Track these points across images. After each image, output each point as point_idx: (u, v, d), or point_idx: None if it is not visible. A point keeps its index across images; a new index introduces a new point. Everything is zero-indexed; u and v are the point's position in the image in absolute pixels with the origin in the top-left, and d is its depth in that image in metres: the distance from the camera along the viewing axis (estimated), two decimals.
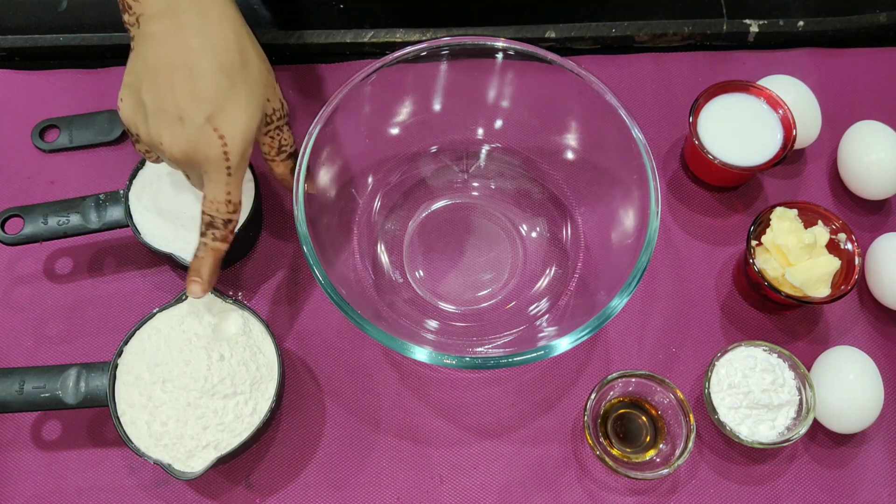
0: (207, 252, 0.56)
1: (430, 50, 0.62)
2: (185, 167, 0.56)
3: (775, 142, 0.67)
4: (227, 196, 0.55)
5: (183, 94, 0.53)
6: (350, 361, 0.64)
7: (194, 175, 0.57)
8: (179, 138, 0.53)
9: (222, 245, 0.57)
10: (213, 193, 0.55)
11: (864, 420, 0.60)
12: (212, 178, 0.55)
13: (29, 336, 0.64)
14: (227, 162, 0.54)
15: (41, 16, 0.75)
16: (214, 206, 0.55)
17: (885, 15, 0.77)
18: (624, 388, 0.62)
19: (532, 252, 0.67)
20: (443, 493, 0.61)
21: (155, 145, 0.54)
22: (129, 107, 0.55)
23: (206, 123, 0.53)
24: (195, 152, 0.53)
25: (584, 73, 0.61)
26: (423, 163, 0.69)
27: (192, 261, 0.57)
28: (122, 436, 0.56)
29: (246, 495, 0.60)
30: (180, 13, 0.53)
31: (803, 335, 0.66)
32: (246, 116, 0.54)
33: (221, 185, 0.55)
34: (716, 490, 0.61)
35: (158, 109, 0.53)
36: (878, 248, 0.66)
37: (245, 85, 0.55)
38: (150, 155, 0.59)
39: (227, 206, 0.55)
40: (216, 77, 0.53)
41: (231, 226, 0.56)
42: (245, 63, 0.55)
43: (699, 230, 0.70)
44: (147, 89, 0.53)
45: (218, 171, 0.54)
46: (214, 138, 0.53)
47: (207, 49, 0.53)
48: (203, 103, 0.53)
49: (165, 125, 0.53)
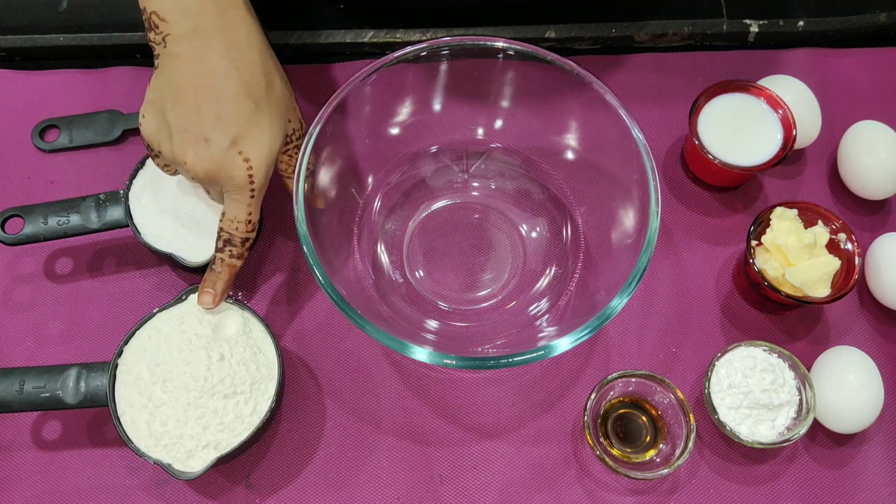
0: (224, 268, 0.58)
1: (430, 50, 0.62)
2: (206, 185, 0.57)
3: (775, 142, 0.67)
4: (248, 216, 0.57)
5: (208, 116, 0.53)
6: (350, 361, 0.64)
7: (215, 191, 0.58)
8: (204, 159, 0.54)
9: (238, 262, 0.58)
10: (233, 213, 0.56)
11: (864, 420, 0.60)
12: (234, 198, 0.56)
13: (29, 336, 0.64)
14: (252, 185, 0.55)
15: (41, 16, 0.75)
16: (234, 224, 0.57)
17: (885, 15, 0.77)
18: (624, 388, 0.62)
19: (532, 252, 0.67)
20: (443, 493, 0.61)
21: (178, 164, 0.55)
22: (152, 124, 0.56)
23: (232, 147, 0.54)
24: (219, 173, 0.54)
25: (584, 73, 0.61)
26: (423, 163, 0.69)
27: (208, 273, 0.58)
28: (122, 436, 0.56)
29: (246, 495, 0.60)
30: (207, 36, 0.54)
31: (803, 335, 0.66)
32: (269, 139, 0.55)
33: (243, 205, 0.56)
34: (716, 490, 0.61)
35: (183, 130, 0.54)
36: (878, 248, 0.66)
37: (269, 108, 0.55)
38: (169, 169, 0.59)
39: (247, 226, 0.57)
40: (241, 100, 0.54)
41: (248, 244, 0.58)
42: (269, 86, 0.56)
43: (699, 230, 0.70)
44: (172, 109, 0.54)
45: (241, 193, 0.56)
46: (239, 161, 0.54)
47: (233, 72, 0.54)
48: (228, 126, 0.54)
49: (189, 145, 0.54)
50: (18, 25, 0.75)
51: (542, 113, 0.66)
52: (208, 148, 0.54)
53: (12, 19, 0.75)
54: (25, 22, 0.75)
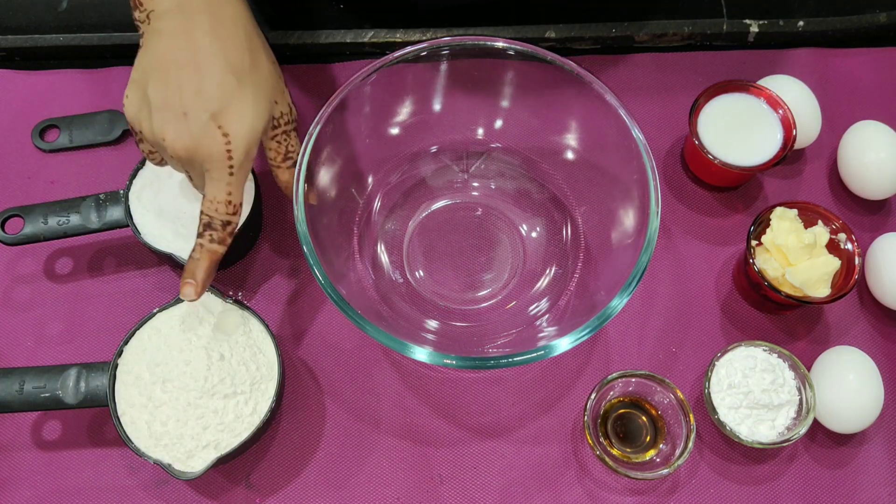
0: (203, 254, 0.55)
1: (430, 50, 0.62)
2: (187, 166, 0.55)
3: (775, 142, 0.67)
4: (228, 196, 0.54)
5: (189, 90, 0.52)
6: (350, 361, 0.64)
7: (197, 175, 0.56)
8: (183, 134, 0.52)
9: (219, 248, 0.55)
10: (213, 193, 0.54)
11: (864, 420, 0.60)
12: (213, 176, 0.54)
13: (29, 336, 0.64)
14: (230, 161, 0.53)
15: (41, 16, 0.75)
16: (214, 205, 0.54)
17: (885, 15, 0.77)
18: (624, 388, 0.62)
19: (532, 252, 0.67)
20: (443, 493, 0.61)
21: (158, 141, 0.54)
22: (133, 103, 0.54)
23: (211, 121, 0.52)
24: (197, 149, 0.53)
25: (584, 73, 0.61)
26: (423, 163, 0.69)
27: (188, 262, 0.56)
28: (122, 436, 0.56)
29: (246, 495, 0.60)
30: (192, 12, 0.53)
31: (803, 335, 0.66)
32: (252, 117, 0.54)
33: (223, 184, 0.54)
34: (716, 490, 0.61)
35: (163, 105, 0.53)
36: (878, 248, 0.66)
37: (253, 86, 0.54)
38: (154, 156, 0.58)
39: (227, 207, 0.54)
40: (224, 76, 0.53)
41: (230, 228, 0.55)
42: (254, 64, 0.55)
43: (699, 230, 0.70)
44: (153, 86, 0.53)
45: (220, 170, 0.53)
46: (218, 136, 0.53)
47: (217, 48, 0.53)
48: (208, 101, 0.52)
49: (169, 121, 0.52)
50: (18, 25, 0.75)
51: (542, 113, 0.66)
52: (187, 122, 0.52)
53: (12, 19, 0.75)
54: (25, 22, 0.75)
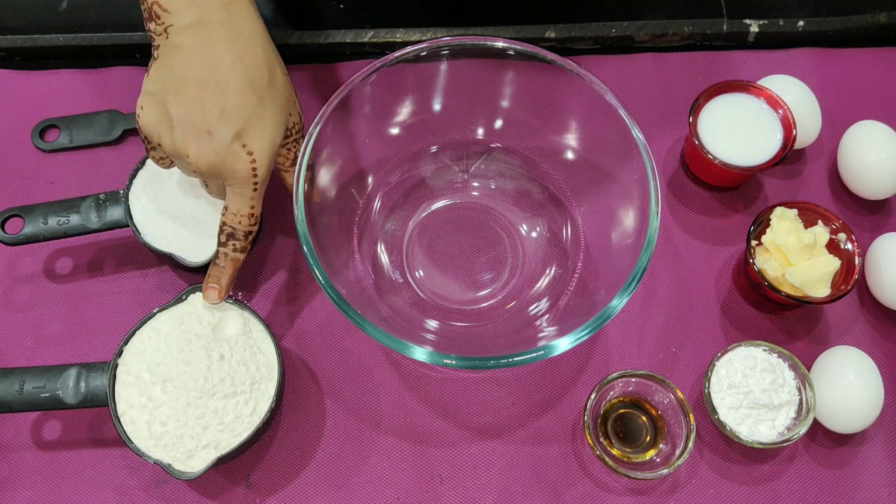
0: (228, 262, 0.58)
1: (430, 50, 0.62)
2: (208, 179, 0.57)
3: (775, 142, 0.67)
4: (251, 210, 0.57)
5: (212, 109, 0.53)
6: (350, 361, 0.64)
7: (215, 185, 0.57)
8: (207, 152, 0.54)
9: (242, 255, 0.59)
10: (236, 207, 0.57)
11: (864, 420, 0.60)
12: (237, 191, 0.56)
13: (29, 336, 0.64)
14: (255, 178, 0.55)
15: (41, 16, 0.75)
16: (237, 218, 0.57)
17: (885, 15, 0.77)
18: (624, 388, 0.62)
19: (532, 252, 0.67)
20: (443, 493, 0.61)
21: (180, 157, 0.55)
22: (151, 116, 0.55)
23: (235, 140, 0.54)
24: (222, 166, 0.54)
25: (584, 73, 0.61)
26: (423, 163, 0.69)
27: (212, 268, 0.59)
28: (122, 436, 0.56)
29: (246, 495, 0.60)
30: (212, 28, 0.53)
31: (803, 335, 0.66)
32: (272, 132, 0.55)
33: (246, 199, 0.56)
34: (716, 490, 0.61)
35: (186, 122, 0.53)
36: (878, 248, 0.66)
37: (272, 101, 0.55)
38: (165, 162, 0.59)
39: (250, 220, 0.57)
40: (246, 94, 0.54)
41: (251, 237, 0.58)
42: (272, 79, 0.56)
43: (699, 230, 0.70)
44: (174, 101, 0.54)
45: (244, 186, 0.56)
46: (243, 154, 0.54)
47: (238, 65, 0.54)
48: (232, 119, 0.53)
49: (192, 138, 0.54)
50: (18, 25, 0.75)
51: (542, 113, 0.66)
52: (212, 141, 0.53)
53: (12, 19, 0.75)
54: (25, 22, 0.75)
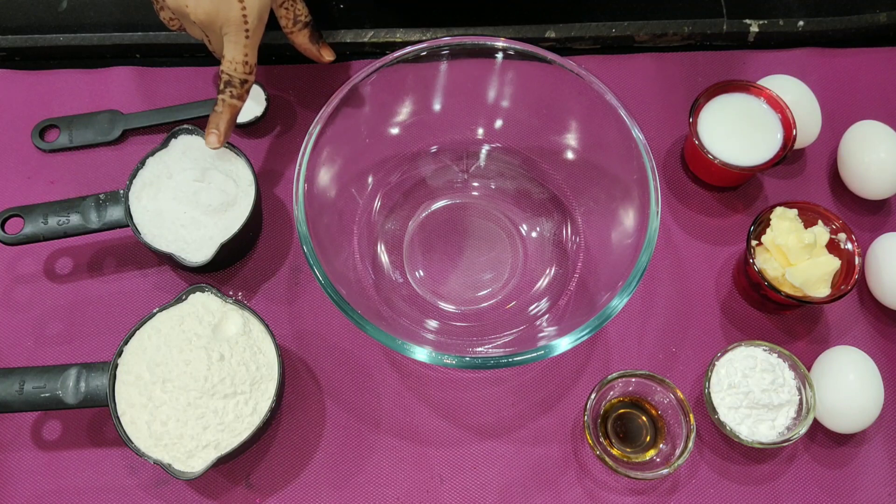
0: (225, 107, 0.63)
1: (430, 50, 0.62)
2: (206, 30, 0.62)
3: (775, 142, 0.67)
4: (245, 57, 0.62)
5: None
6: (350, 361, 0.64)
7: (215, 39, 0.62)
8: (203, 2, 0.59)
9: (238, 102, 0.63)
10: (232, 54, 0.62)
11: (864, 420, 0.60)
12: (231, 39, 0.61)
13: (29, 336, 0.64)
14: (246, 24, 0.60)
15: (41, 16, 0.75)
16: (233, 66, 0.62)
17: (885, 15, 0.77)
18: (624, 388, 0.62)
19: (532, 252, 0.67)
20: (443, 493, 0.61)
21: (181, 8, 0.60)
22: None
23: None
24: (217, 13, 0.60)
25: (584, 73, 0.61)
26: (423, 163, 0.69)
27: (211, 115, 0.63)
28: (122, 436, 0.56)
29: (246, 495, 0.60)
30: None
31: (803, 335, 0.66)
32: None
33: (240, 46, 0.61)
34: (716, 490, 0.61)
35: None
36: (878, 248, 0.66)
37: None
38: (174, 22, 0.65)
39: (245, 67, 0.62)
40: None
41: (247, 86, 0.63)
42: None
43: (699, 230, 0.70)
44: None
45: (237, 33, 0.61)
46: (234, 3, 0.59)
47: None
48: None
49: None
50: (18, 25, 0.75)
51: (542, 113, 0.66)
52: None
53: (12, 19, 0.75)
54: (25, 22, 0.75)
